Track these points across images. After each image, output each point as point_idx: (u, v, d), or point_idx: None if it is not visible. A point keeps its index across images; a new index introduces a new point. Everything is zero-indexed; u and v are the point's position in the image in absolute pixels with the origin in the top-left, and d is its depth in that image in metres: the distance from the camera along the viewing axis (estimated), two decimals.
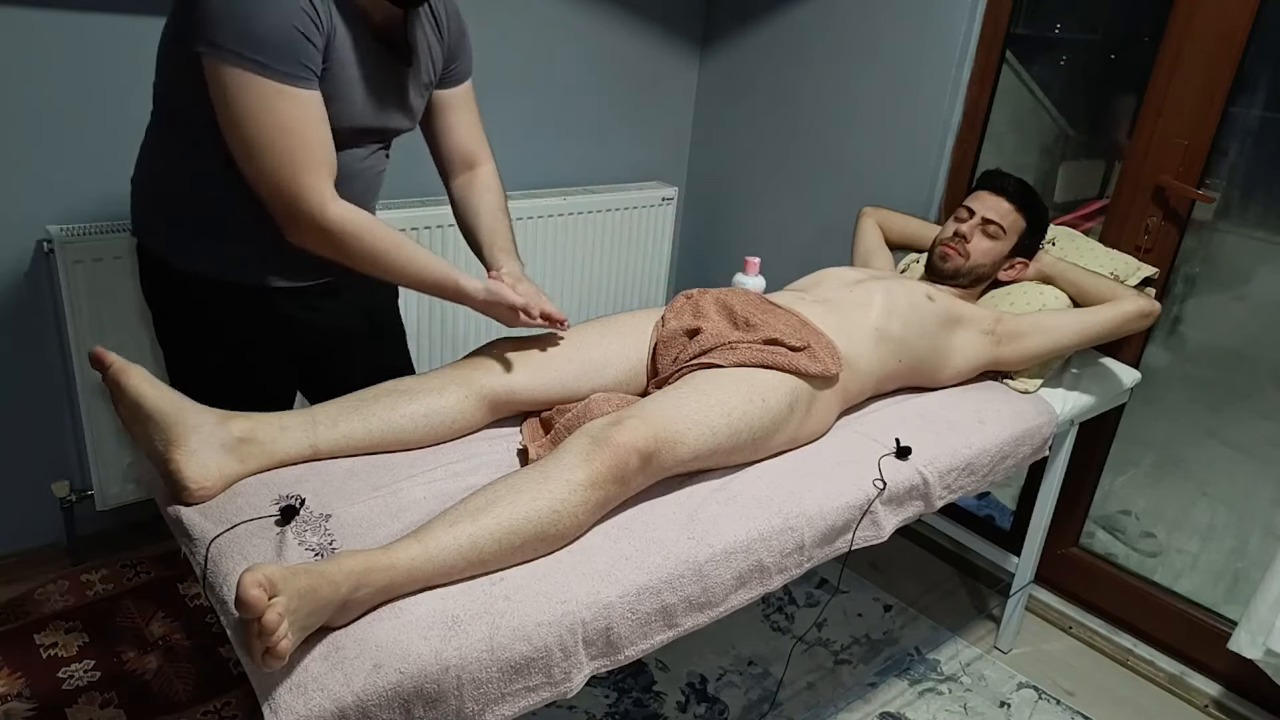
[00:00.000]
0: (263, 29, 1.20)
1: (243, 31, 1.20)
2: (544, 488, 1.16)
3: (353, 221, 1.33)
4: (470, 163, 1.64)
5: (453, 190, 1.66)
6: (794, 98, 2.69)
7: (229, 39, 1.20)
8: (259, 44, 1.21)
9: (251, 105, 1.23)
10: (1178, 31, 1.98)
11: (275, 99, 1.23)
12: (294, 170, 1.27)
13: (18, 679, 1.83)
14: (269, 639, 0.88)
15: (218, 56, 1.21)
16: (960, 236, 1.91)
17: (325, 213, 1.30)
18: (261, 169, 1.27)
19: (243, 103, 1.23)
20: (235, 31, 1.20)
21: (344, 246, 1.33)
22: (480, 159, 1.65)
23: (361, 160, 1.47)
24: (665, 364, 1.54)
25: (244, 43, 1.20)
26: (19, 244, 1.93)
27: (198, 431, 1.18)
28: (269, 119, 1.24)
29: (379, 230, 1.36)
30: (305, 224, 1.30)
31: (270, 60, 1.22)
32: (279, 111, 1.24)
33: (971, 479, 1.62)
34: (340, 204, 1.32)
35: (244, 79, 1.22)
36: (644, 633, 1.16)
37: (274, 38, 1.21)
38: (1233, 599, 2.18)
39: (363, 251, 1.35)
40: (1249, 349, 2.14)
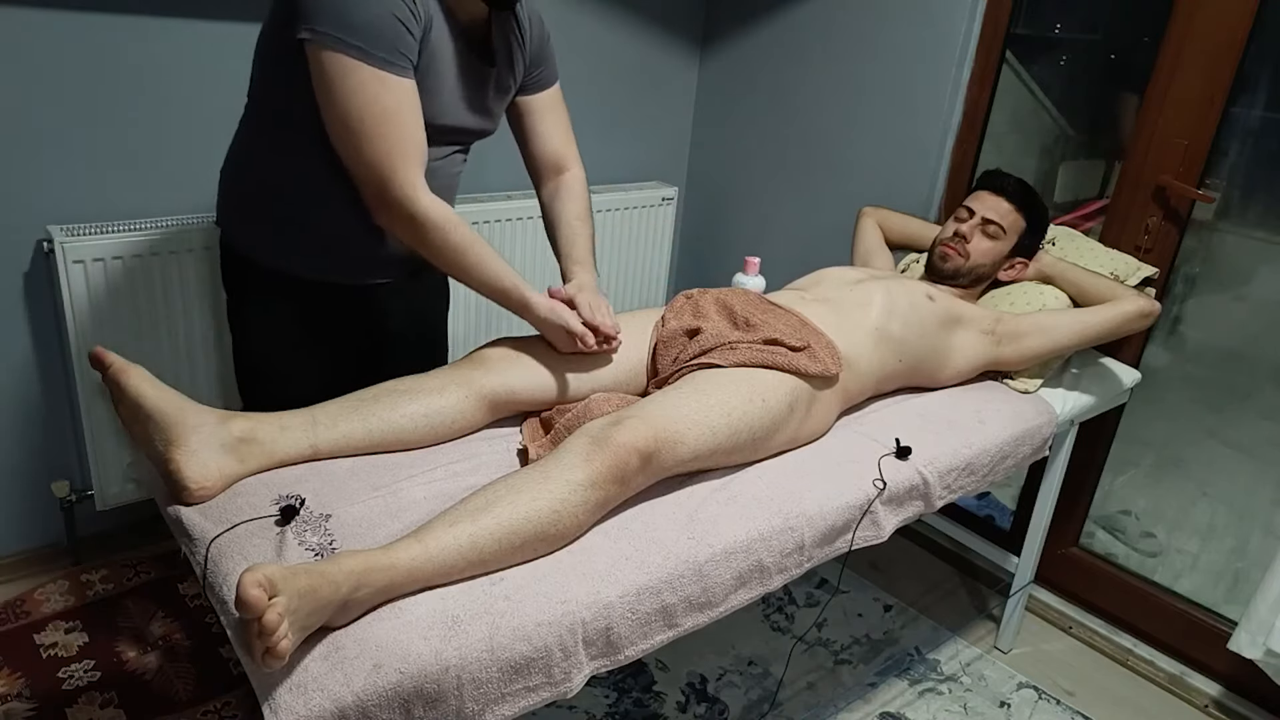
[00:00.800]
0: (364, 15, 1.24)
1: (344, 17, 1.24)
2: (544, 488, 1.16)
3: (439, 213, 1.37)
4: (558, 168, 1.68)
5: (541, 197, 1.69)
6: (794, 98, 2.69)
7: (331, 24, 1.24)
8: (359, 30, 1.24)
9: (351, 89, 1.27)
10: (1178, 31, 1.98)
11: (374, 84, 1.27)
12: (390, 155, 1.31)
13: (18, 679, 1.83)
14: (269, 639, 0.88)
15: (319, 42, 1.25)
16: (960, 236, 1.91)
17: (416, 200, 1.34)
18: (359, 152, 1.30)
19: (343, 87, 1.27)
20: (337, 17, 1.24)
21: (427, 236, 1.37)
22: (568, 164, 1.69)
23: (437, 160, 1.49)
24: (665, 364, 1.54)
25: (345, 28, 1.24)
26: (19, 244, 1.93)
27: (198, 431, 1.18)
28: (368, 104, 1.27)
29: (462, 228, 1.40)
30: (395, 209, 1.34)
31: (370, 46, 1.25)
32: (377, 97, 1.28)
33: (971, 479, 1.62)
34: (429, 195, 1.36)
35: (344, 63, 1.25)
36: (644, 633, 1.16)
37: (374, 24, 1.25)
38: (1233, 599, 2.18)
39: (443, 244, 1.38)
40: (1249, 349, 2.14)
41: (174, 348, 2.06)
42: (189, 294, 2.04)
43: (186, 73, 2.01)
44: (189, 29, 1.99)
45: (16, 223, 1.91)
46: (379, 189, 1.33)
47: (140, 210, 2.02)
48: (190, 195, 2.08)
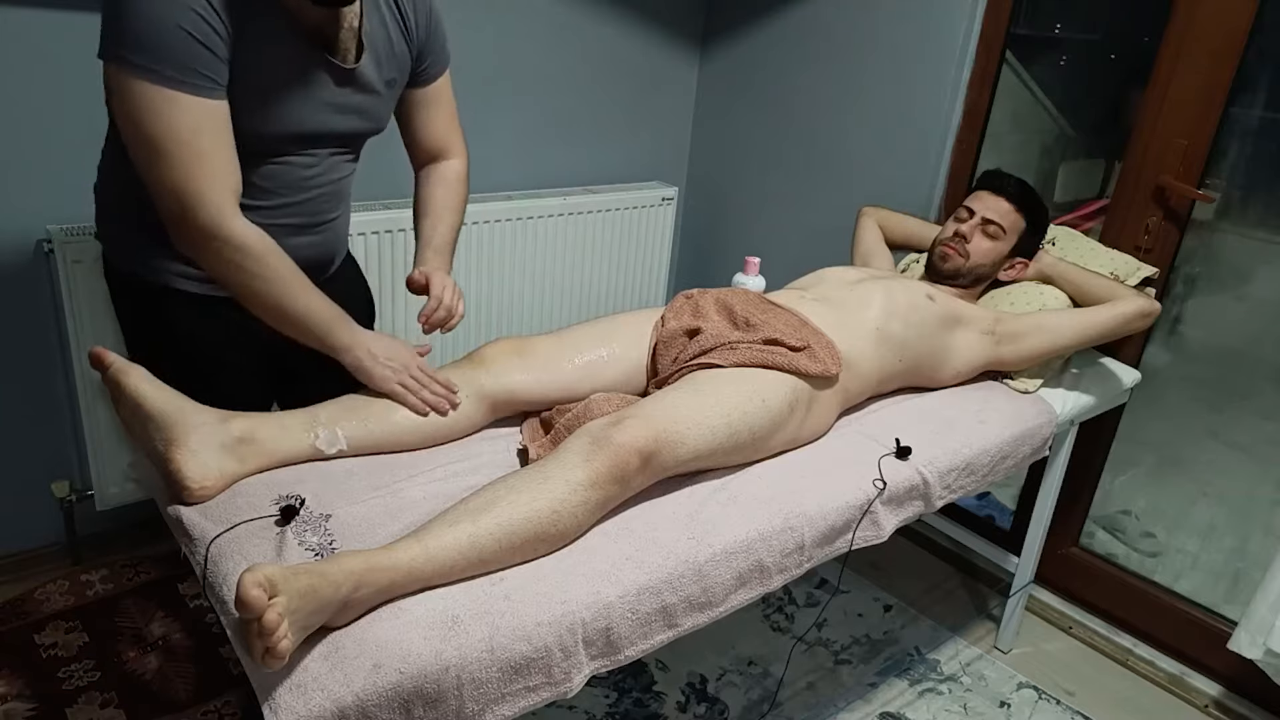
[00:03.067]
0: (153, 35, 1.15)
1: (129, 35, 1.15)
2: (544, 488, 1.16)
3: (252, 238, 1.26)
4: (438, 156, 1.59)
5: (416, 179, 1.60)
6: (794, 98, 2.69)
7: (117, 42, 1.16)
8: (146, 49, 1.15)
9: (141, 111, 1.18)
10: (1178, 31, 1.98)
11: (165, 105, 1.17)
12: (189, 179, 1.20)
13: (18, 679, 1.83)
14: (269, 639, 0.88)
15: (113, 64, 1.17)
16: (960, 236, 1.91)
17: (223, 225, 1.23)
18: (156, 177, 1.21)
19: (133, 108, 1.18)
20: (122, 35, 1.16)
21: (239, 262, 1.25)
22: (450, 152, 1.60)
23: (308, 168, 1.40)
24: (665, 364, 1.54)
25: (131, 47, 1.15)
26: (19, 244, 1.93)
27: (198, 431, 1.18)
28: (161, 126, 1.18)
29: (280, 257, 1.29)
30: (199, 234, 1.23)
31: (158, 65, 1.16)
32: (169, 118, 1.18)
33: (971, 479, 1.62)
34: (240, 220, 1.25)
35: (133, 84, 1.17)
36: (644, 633, 1.16)
37: (162, 42, 1.15)
38: (1233, 599, 2.18)
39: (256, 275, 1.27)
40: (1249, 349, 2.14)
41: None
42: None
43: None
44: None
45: (16, 223, 1.91)
46: (180, 215, 1.22)
47: None
48: None
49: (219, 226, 1.23)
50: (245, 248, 1.25)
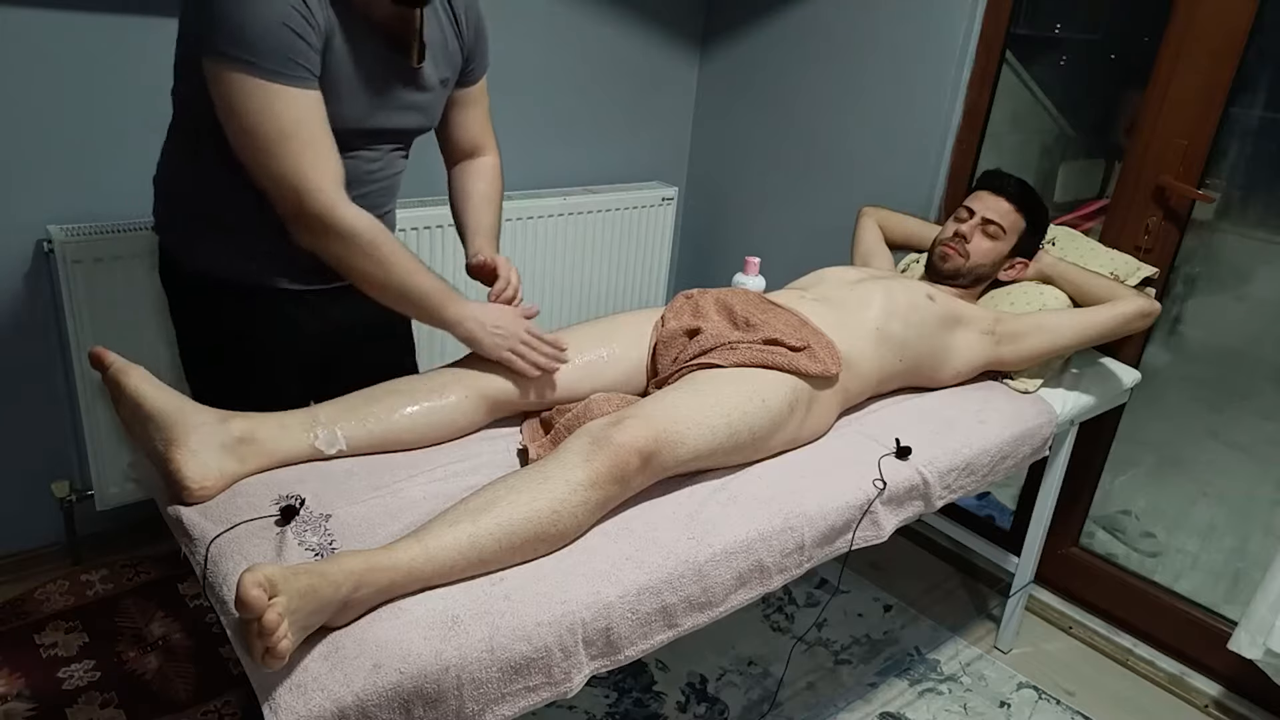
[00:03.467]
0: (255, 29, 1.19)
1: (236, 33, 1.19)
2: (544, 488, 1.16)
3: (364, 224, 1.31)
4: (473, 153, 1.65)
5: (451, 175, 1.66)
6: (794, 98, 2.69)
7: (223, 41, 1.20)
8: (251, 45, 1.19)
9: (250, 107, 1.22)
10: (1178, 31, 1.98)
11: (273, 100, 1.22)
12: (299, 169, 1.25)
13: (18, 679, 1.83)
14: (269, 639, 0.88)
15: (215, 59, 1.21)
16: (960, 236, 1.91)
17: (334, 213, 1.28)
18: (266, 169, 1.26)
19: (241, 105, 1.22)
20: (229, 33, 1.19)
21: (350, 250, 1.31)
22: (485, 149, 1.66)
23: (373, 163, 1.46)
24: (665, 364, 1.54)
25: (238, 44, 1.19)
26: (19, 244, 1.93)
27: (198, 431, 1.18)
28: (269, 121, 1.22)
29: (389, 236, 1.35)
30: (314, 223, 1.28)
31: (263, 60, 1.20)
32: (278, 113, 1.23)
33: (971, 479, 1.62)
34: (351, 206, 1.30)
35: (240, 81, 1.21)
36: (644, 633, 1.16)
37: (265, 36, 1.20)
38: (1233, 599, 2.18)
39: (369, 257, 1.32)
40: (1249, 349, 2.14)
41: (173, 348, 2.05)
42: None
43: None
44: None
45: (16, 223, 1.91)
46: (297, 206, 1.27)
47: (140, 210, 2.02)
48: None
49: (331, 214, 1.28)
50: (357, 233, 1.30)
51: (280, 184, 1.26)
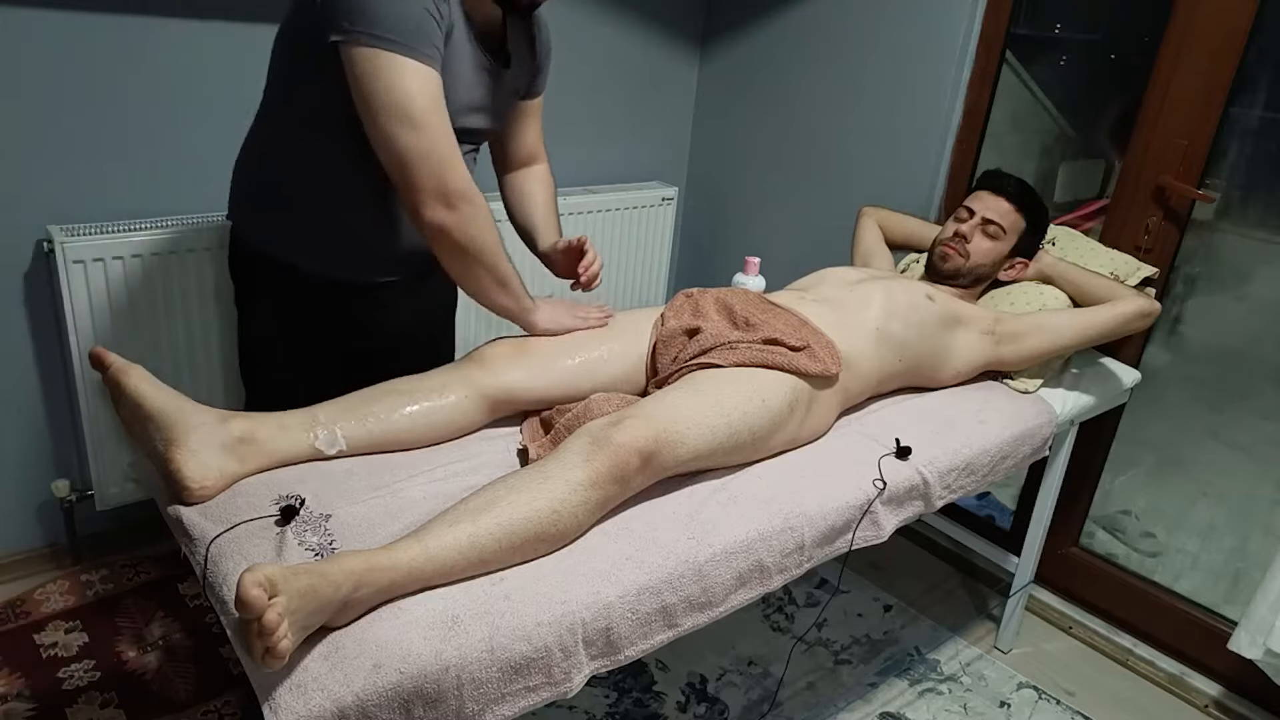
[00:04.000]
0: (399, 11, 1.24)
1: (379, 14, 1.23)
2: (544, 488, 1.16)
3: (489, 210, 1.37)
4: (529, 161, 1.71)
5: (508, 180, 1.72)
6: (794, 98, 2.69)
7: (366, 22, 1.23)
8: (396, 25, 1.24)
9: (395, 82, 1.25)
10: (1178, 31, 1.98)
11: (418, 76, 1.26)
12: (444, 145, 1.29)
13: (18, 679, 1.83)
14: (269, 639, 0.88)
15: (355, 40, 1.24)
16: (960, 236, 1.91)
17: (471, 186, 1.33)
18: (410, 144, 1.27)
19: (387, 80, 1.25)
20: (372, 15, 1.23)
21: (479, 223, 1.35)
22: (540, 158, 1.73)
23: None
24: (665, 364, 1.54)
25: (381, 24, 1.23)
26: (19, 244, 1.93)
27: (198, 431, 1.18)
28: (415, 94, 1.26)
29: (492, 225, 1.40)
30: (454, 196, 1.31)
31: (409, 40, 1.25)
32: (424, 88, 1.27)
33: (971, 479, 1.62)
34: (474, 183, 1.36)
35: (385, 58, 1.24)
36: (644, 633, 1.16)
37: (410, 19, 1.25)
38: (1233, 599, 2.18)
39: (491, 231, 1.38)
40: (1249, 349, 2.14)
41: (174, 348, 2.06)
42: (189, 294, 2.04)
43: (186, 73, 2.00)
44: (189, 29, 1.98)
45: (16, 223, 1.91)
46: (438, 177, 1.30)
47: (140, 210, 2.02)
48: (191, 195, 2.07)
49: (469, 186, 1.33)
50: (485, 207, 1.36)
51: (426, 157, 1.28)
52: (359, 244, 1.50)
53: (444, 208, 1.32)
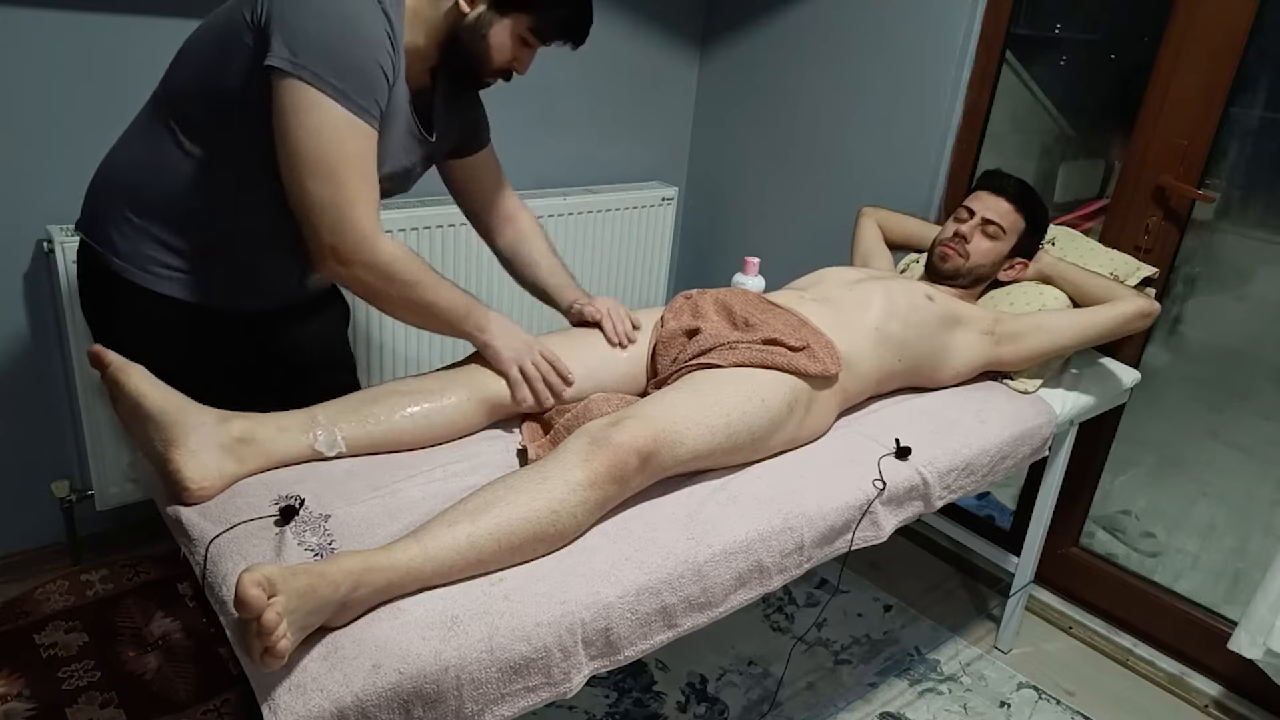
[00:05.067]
0: (351, 58, 1.20)
1: (330, 56, 1.18)
2: (543, 488, 1.16)
3: (402, 260, 1.30)
4: (510, 219, 1.68)
5: (501, 249, 1.69)
6: (794, 98, 2.69)
7: (314, 59, 1.18)
8: (344, 72, 1.19)
9: (319, 127, 1.20)
10: (1178, 31, 1.98)
11: (346, 127, 1.21)
12: (350, 200, 1.23)
13: (18, 679, 1.83)
14: (267, 639, 0.88)
15: (296, 74, 1.18)
16: (960, 237, 1.91)
17: (376, 247, 1.27)
18: (313, 193, 1.23)
19: (311, 123, 1.20)
20: (323, 54, 1.18)
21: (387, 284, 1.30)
22: (517, 212, 1.69)
23: None
24: (664, 364, 1.54)
25: (329, 67, 1.18)
26: (19, 244, 1.93)
27: (197, 431, 1.18)
28: (335, 145, 1.21)
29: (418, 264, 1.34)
30: (352, 256, 1.26)
31: (351, 90, 1.20)
32: (345, 140, 1.21)
33: (971, 479, 1.62)
34: (391, 241, 1.30)
35: (319, 100, 1.19)
36: (643, 633, 1.16)
37: (359, 69, 1.20)
38: (1233, 599, 2.18)
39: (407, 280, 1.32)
40: (1249, 349, 2.14)
41: None
42: None
43: None
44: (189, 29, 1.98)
45: (16, 223, 1.91)
46: (335, 235, 1.24)
47: None
48: None
49: (370, 247, 1.27)
50: (393, 266, 1.29)
51: (326, 211, 1.23)
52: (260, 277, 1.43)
53: (335, 263, 1.27)
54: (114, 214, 1.38)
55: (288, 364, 1.59)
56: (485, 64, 1.40)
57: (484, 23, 1.36)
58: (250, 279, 1.44)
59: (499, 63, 1.41)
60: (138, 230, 1.37)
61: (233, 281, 1.42)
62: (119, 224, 1.38)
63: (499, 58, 1.40)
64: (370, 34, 1.22)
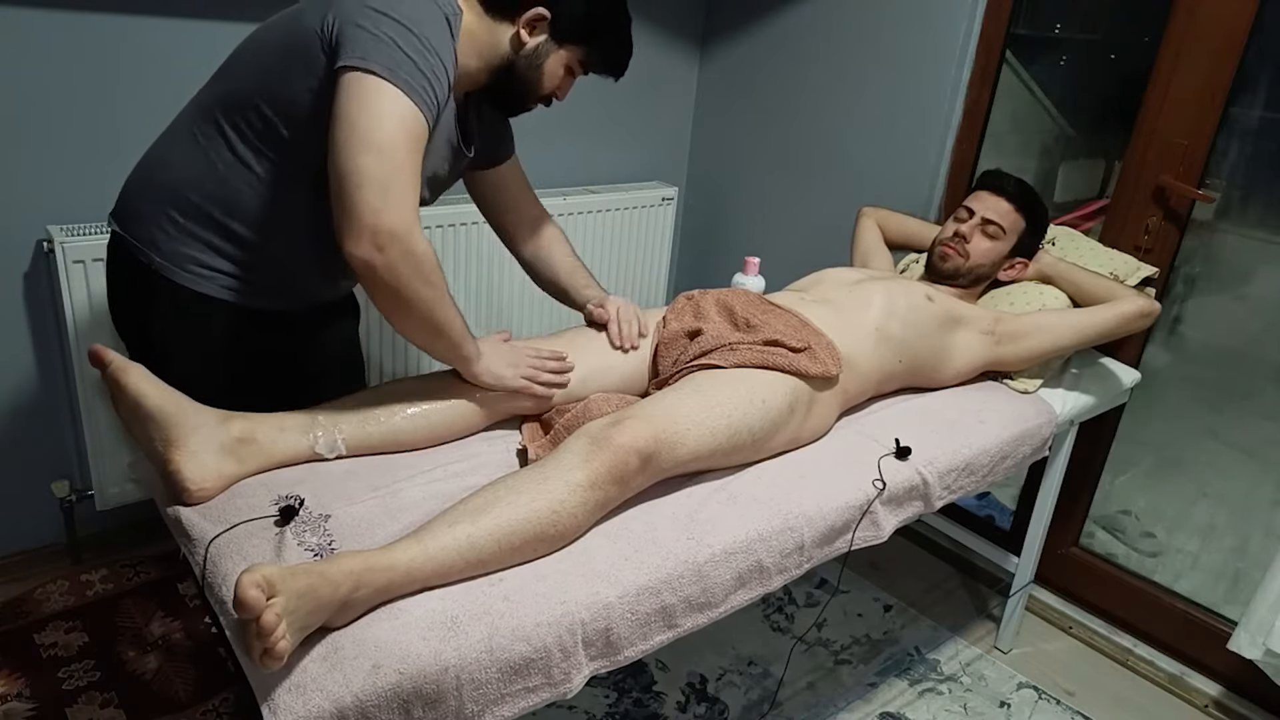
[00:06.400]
0: (421, 64, 1.22)
1: (402, 59, 1.21)
2: (543, 488, 1.16)
3: (434, 262, 1.28)
4: (533, 226, 1.70)
5: (525, 256, 1.71)
6: (794, 98, 2.69)
7: (386, 60, 1.20)
8: (413, 74, 1.21)
9: (384, 112, 1.19)
10: (1178, 31, 1.98)
11: (410, 115, 1.21)
12: (404, 182, 1.21)
13: (18, 679, 1.83)
14: (267, 639, 0.88)
15: (366, 69, 1.19)
16: (960, 237, 1.91)
17: (415, 235, 1.23)
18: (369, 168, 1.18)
19: (377, 107, 1.19)
20: (395, 57, 1.20)
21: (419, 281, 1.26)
22: (541, 219, 1.71)
23: None
24: (666, 365, 1.54)
25: (401, 67, 1.20)
26: (19, 244, 1.93)
27: (198, 432, 1.18)
28: (398, 127, 1.20)
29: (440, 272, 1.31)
30: (391, 241, 1.20)
31: (418, 89, 1.22)
32: (408, 125, 1.21)
33: (971, 479, 1.62)
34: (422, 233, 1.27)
35: (386, 88, 1.20)
36: (643, 633, 1.16)
37: (427, 75, 1.23)
38: (1233, 599, 2.18)
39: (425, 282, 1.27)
40: (1249, 349, 2.14)
41: None
42: None
43: (186, 73, 2.00)
44: (189, 29, 1.99)
45: (16, 223, 1.91)
46: (376, 212, 1.19)
47: None
48: None
49: (408, 230, 1.23)
50: (428, 262, 1.27)
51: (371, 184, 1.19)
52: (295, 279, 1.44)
53: (372, 245, 1.20)
54: (157, 213, 1.38)
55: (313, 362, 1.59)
56: (535, 91, 1.47)
57: (541, 53, 1.43)
58: (291, 280, 1.45)
59: (547, 90, 1.49)
60: (181, 230, 1.37)
61: (273, 283, 1.43)
62: (162, 223, 1.37)
63: (548, 85, 1.48)
64: (440, 48, 1.25)
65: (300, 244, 1.40)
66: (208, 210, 1.36)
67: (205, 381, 1.30)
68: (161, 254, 1.38)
